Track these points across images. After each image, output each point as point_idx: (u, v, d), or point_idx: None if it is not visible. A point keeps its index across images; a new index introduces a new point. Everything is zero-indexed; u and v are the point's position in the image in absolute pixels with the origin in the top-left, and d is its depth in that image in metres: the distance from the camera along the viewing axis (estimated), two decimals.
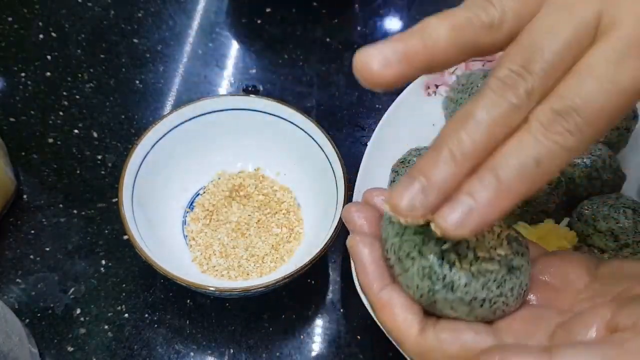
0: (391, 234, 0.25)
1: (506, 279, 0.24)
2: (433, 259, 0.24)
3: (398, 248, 0.25)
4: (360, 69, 0.22)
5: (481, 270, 0.24)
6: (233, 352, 0.41)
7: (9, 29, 0.57)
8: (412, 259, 0.24)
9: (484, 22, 0.22)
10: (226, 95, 0.47)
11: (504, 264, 0.24)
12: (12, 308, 0.41)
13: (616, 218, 0.42)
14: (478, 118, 0.21)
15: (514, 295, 0.25)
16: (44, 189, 0.48)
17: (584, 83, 0.20)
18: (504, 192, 0.20)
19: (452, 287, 0.24)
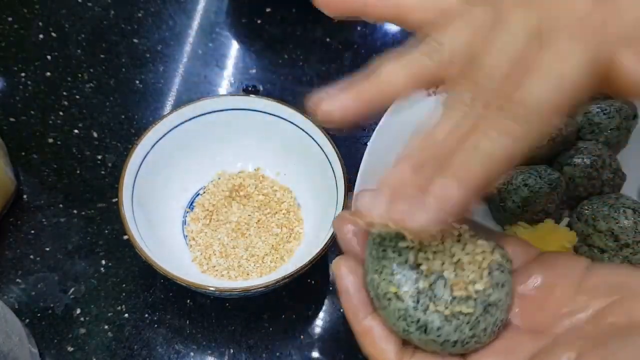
0: (371, 268, 0.26)
1: (480, 320, 0.25)
2: (408, 302, 0.25)
3: (376, 286, 0.26)
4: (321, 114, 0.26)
5: (455, 313, 0.25)
6: (233, 352, 0.41)
7: (9, 29, 0.57)
8: (388, 299, 0.25)
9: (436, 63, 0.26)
10: (226, 95, 0.47)
11: (480, 302, 0.25)
12: (12, 308, 0.41)
13: (616, 218, 0.42)
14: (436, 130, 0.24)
15: (487, 334, 0.25)
16: (44, 189, 0.48)
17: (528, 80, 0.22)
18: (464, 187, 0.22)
19: (425, 329, 0.25)
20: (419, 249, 0.25)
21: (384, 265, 0.25)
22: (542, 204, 0.44)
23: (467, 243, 0.26)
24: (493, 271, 0.26)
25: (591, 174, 0.45)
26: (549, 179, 0.44)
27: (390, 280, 0.25)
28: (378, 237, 0.26)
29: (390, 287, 0.25)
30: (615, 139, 0.47)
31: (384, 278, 0.25)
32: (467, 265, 0.25)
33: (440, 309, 0.25)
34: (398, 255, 0.25)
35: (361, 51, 0.58)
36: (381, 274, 0.25)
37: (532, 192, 0.44)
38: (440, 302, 0.25)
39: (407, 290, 0.25)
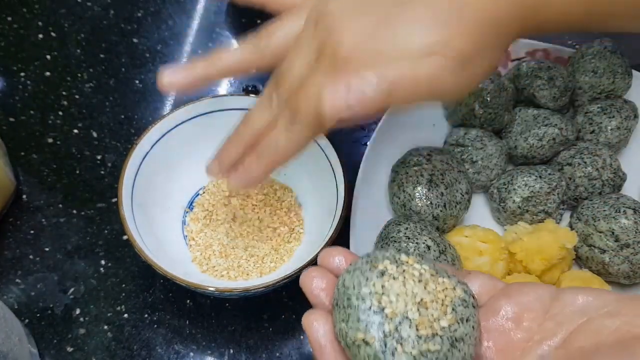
0: (338, 318, 0.27)
1: (448, 356, 0.25)
2: (376, 346, 0.25)
3: (345, 335, 0.26)
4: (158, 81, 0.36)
5: (423, 352, 0.25)
6: (233, 352, 0.41)
7: (9, 29, 0.57)
8: (357, 346, 0.26)
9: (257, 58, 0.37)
10: (226, 95, 0.46)
11: (447, 339, 0.26)
12: (12, 308, 0.41)
13: (616, 218, 0.41)
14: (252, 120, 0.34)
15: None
16: (44, 189, 0.47)
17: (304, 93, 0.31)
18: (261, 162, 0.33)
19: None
20: (382, 294, 0.26)
21: (349, 314, 0.26)
22: (542, 204, 0.44)
23: (429, 282, 0.27)
24: (457, 307, 0.26)
25: (591, 174, 0.45)
26: (549, 179, 0.44)
27: (357, 328, 0.26)
28: (342, 287, 0.27)
29: (357, 334, 0.25)
30: (615, 139, 0.47)
31: (350, 326, 0.26)
32: (430, 304, 0.26)
33: (407, 349, 0.25)
34: (362, 302, 0.26)
35: None
36: (347, 322, 0.26)
37: (532, 192, 0.44)
38: (407, 343, 0.25)
39: (374, 335, 0.25)
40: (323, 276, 0.29)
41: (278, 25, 0.36)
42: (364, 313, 0.26)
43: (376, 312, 0.26)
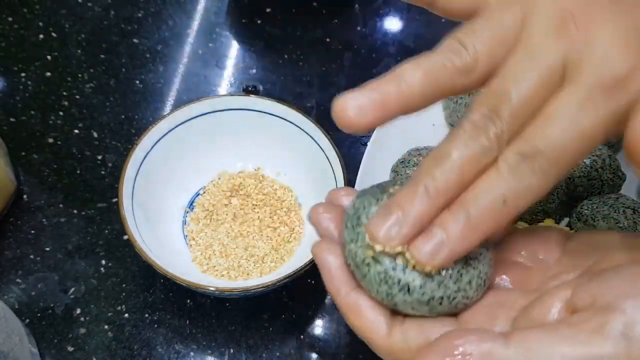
0: (347, 239, 0.26)
1: (462, 272, 0.24)
2: (387, 264, 0.24)
3: (354, 255, 0.25)
4: (337, 115, 0.23)
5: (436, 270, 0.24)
6: (233, 352, 0.41)
7: (9, 29, 0.57)
8: (367, 265, 0.25)
9: (457, 67, 0.23)
10: (226, 95, 0.47)
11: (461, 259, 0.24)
12: (12, 308, 0.41)
13: (616, 218, 0.42)
14: (452, 158, 0.22)
15: (472, 287, 0.25)
16: (44, 189, 0.48)
17: (549, 127, 0.22)
18: (473, 227, 0.22)
19: (408, 289, 0.24)
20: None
21: (358, 232, 0.25)
22: (542, 204, 0.44)
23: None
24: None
25: (591, 174, 0.45)
26: None
27: (367, 245, 0.24)
28: (352, 208, 0.26)
29: (367, 252, 0.24)
30: (615, 139, 0.47)
31: (360, 245, 0.25)
32: None
33: (419, 267, 0.24)
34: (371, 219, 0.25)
35: (361, 51, 0.58)
36: (357, 242, 0.25)
37: None
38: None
39: (382, 250, 0.24)
40: (331, 209, 0.28)
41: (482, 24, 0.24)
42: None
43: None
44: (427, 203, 0.23)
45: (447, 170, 0.22)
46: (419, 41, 0.59)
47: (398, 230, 0.23)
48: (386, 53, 0.58)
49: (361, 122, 0.23)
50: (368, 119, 0.23)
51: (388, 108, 0.23)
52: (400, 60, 0.24)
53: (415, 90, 0.23)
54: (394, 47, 0.58)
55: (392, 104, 0.23)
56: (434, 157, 0.23)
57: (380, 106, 0.23)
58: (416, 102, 0.24)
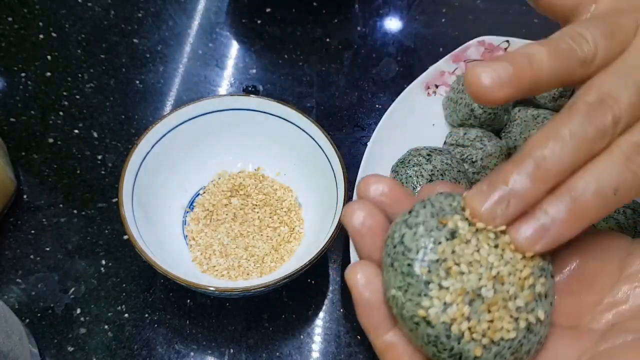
0: (392, 283, 0.22)
1: (523, 343, 0.22)
2: (440, 329, 0.21)
3: (401, 306, 0.22)
4: (472, 84, 0.22)
5: (495, 340, 0.21)
6: (233, 352, 0.41)
7: (9, 29, 0.57)
8: (416, 323, 0.22)
9: (579, 57, 0.23)
10: (226, 95, 0.46)
11: (523, 322, 0.22)
12: (12, 308, 0.41)
13: (616, 218, 0.42)
14: (565, 138, 0.21)
15: (529, 355, 0.22)
16: (44, 189, 0.48)
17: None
18: (579, 214, 0.21)
19: (459, 357, 0.21)
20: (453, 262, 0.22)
21: (409, 283, 0.22)
22: None
23: (506, 248, 0.22)
24: (536, 279, 0.22)
25: None
26: None
27: (419, 303, 0.21)
28: (401, 245, 0.22)
29: (418, 311, 0.21)
30: None
31: (409, 298, 0.21)
32: (507, 278, 0.22)
33: (476, 337, 0.21)
34: (428, 272, 0.21)
35: (361, 51, 0.58)
36: (406, 293, 0.22)
37: None
38: (477, 329, 0.21)
39: (439, 316, 0.21)
40: (370, 212, 0.23)
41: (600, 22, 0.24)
42: (427, 286, 0.21)
43: (443, 287, 0.21)
44: (536, 182, 0.21)
45: (560, 150, 0.21)
46: (419, 41, 0.59)
47: (503, 209, 0.21)
48: (386, 53, 0.58)
49: (495, 95, 0.22)
50: (502, 93, 0.22)
51: (521, 84, 0.22)
52: (400, 61, 0.23)
53: (544, 72, 0.22)
54: (394, 47, 0.58)
55: (525, 81, 0.22)
56: (545, 135, 0.21)
57: (515, 81, 0.22)
58: (543, 83, 0.22)
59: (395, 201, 0.25)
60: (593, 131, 0.21)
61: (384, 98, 0.55)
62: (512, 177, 0.21)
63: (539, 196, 0.21)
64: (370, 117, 0.54)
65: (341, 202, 0.40)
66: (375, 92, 0.55)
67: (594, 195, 0.21)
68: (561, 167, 0.21)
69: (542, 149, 0.21)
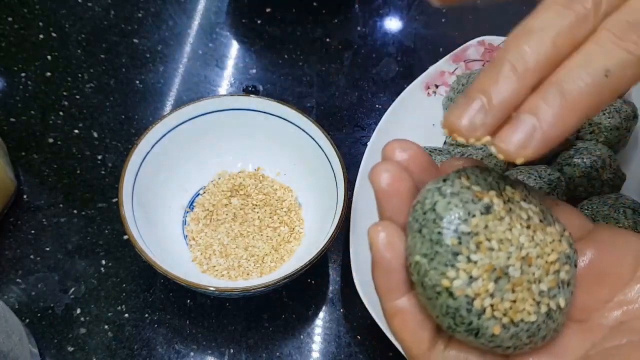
0: (418, 249, 0.21)
1: (541, 327, 0.22)
2: (462, 302, 0.21)
3: (424, 273, 0.21)
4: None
5: (515, 321, 0.21)
6: (233, 352, 0.41)
7: (9, 29, 0.57)
8: (437, 293, 0.21)
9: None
10: (226, 95, 0.46)
11: (544, 307, 0.22)
12: (12, 308, 0.41)
13: (616, 218, 0.42)
14: (541, 29, 0.19)
15: (544, 341, 0.22)
16: (44, 189, 0.48)
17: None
18: (569, 107, 0.19)
19: (476, 333, 0.21)
20: (485, 236, 0.21)
21: (437, 252, 0.21)
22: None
23: (537, 230, 0.22)
24: (561, 266, 0.22)
25: (591, 174, 0.45)
26: (549, 179, 0.44)
27: (443, 272, 0.21)
28: (432, 212, 0.22)
29: (442, 280, 0.21)
30: (615, 139, 0.47)
31: (435, 267, 0.21)
32: (535, 260, 0.22)
33: (498, 314, 0.21)
34: (458, 243, 0.21)
35: (361, 51, 0.58)
36: (432, 261, 0.21)
37: None
38: (499, 307, 0.21)
39: (463, 289, 0.21)
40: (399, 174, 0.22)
41: None
42: (456, 258, 0.21)
43: (471, 261, 0.21)
44: (515, 84, 0.19)
45: (537, 44, 0.19)
46: (419, 41, 0.59)
47: (483, 118, 0.19)
48: (386, 53, 0.58)
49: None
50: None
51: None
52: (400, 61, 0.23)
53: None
54: (394, 47, 0.58)
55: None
56: (520, 32, 0.19)
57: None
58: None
59: (420, 168, 0.23)
60: (572, 17, 0.19)
61: (384, 98, 0.55)
62: (487, 82, 0.19)
63: (521, 97, 0.19)
64: (370, 117, 0.54)
65: (341, 202, 0.40)
66: (375, 92, 0.55)
67: (583, 82, 0.19)
68: (541, 60, 0.19)
69: (518, 45, 0.19)
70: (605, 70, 0.18)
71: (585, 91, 0.19)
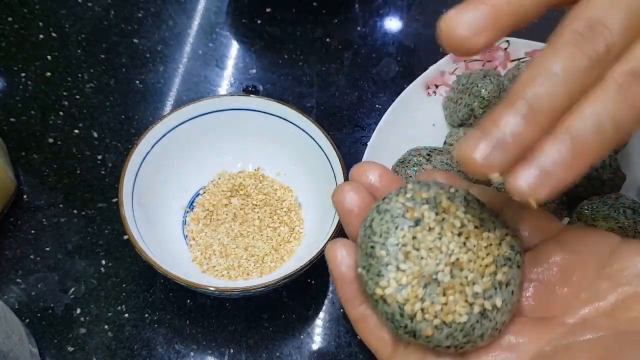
0: (360, 262, 0.24)
1: (475, 327, 0.23)
2: (395, 308, 0.23)
3: (365, 283, 0.24)
4: (446, 35, 0.20)
5: (447, 322, 0.22)
6: (233, 352, 0.41)
7: (9, 29, 0.57)
8: (375, 301, 0.23)
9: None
10: (226, 95, 0.47)
11: (477, 307, 0.23)
12: (12, 308, 0.41)
13: (616, 218, 0.42)
14: (555, 71, 0.19)
15: (484, 339, 0.23)
16: (44, 189, 0.48)
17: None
18: (580, 154, 0.19)
19: (414, 335, 0.23)
20: (412, 247, 0.23)
21: (370, 264, 0.23)
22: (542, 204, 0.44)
23: (470, 237, 0.23)
24: (498, 268, 0.23)
25: (591, 174, 0.45)
26: None
27: (377, 282, 0.23)
28: (369, 229, 0.24)
29: (376, 289, 0.23)
30: None
31: (370, 277, 0.23)
32: (467, 264, 0.23)
33: (428, 317, 0.22)
34: (386, 254, 0.23)
35: (361, 51, 0.58)
36: (368, 272, 0.23)
37: None
38: (430, 310, 0.22)
39: (394, 296, 0.23)
40: (360, 195, 0.25)
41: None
42: (386, 268, 0.23)
43: (400, 269, 0.23)
44: (532, 123, 0.19)
45: (551, 86, 0.19)
46: (419, 41, 0.59)
47: (500, 155, 0.19)
48: (386, 53, 0.58)
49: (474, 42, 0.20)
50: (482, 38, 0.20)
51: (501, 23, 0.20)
52: (400, 61, 0.23)
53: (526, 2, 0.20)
54: (394, 47, 0.58)
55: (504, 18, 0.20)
56: (534, 71, 0.19)
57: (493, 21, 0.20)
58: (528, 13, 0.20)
59: (385, 186, 0.26)
60: (585, 62, 0.19)
61: (384, 98, 0.55)
62: (505, 120, 0.19)
63: (536, 138, 0.19)
64: (370, 117, 0.54)
65: None
66: (375, 92, 0.55)
67: (593, 132, 0.19)
68: (556, 104, 0.19)
69: (534, 87, 0.19)
70: (613, 123, 0.19)
71: (595, 140, 0.19)
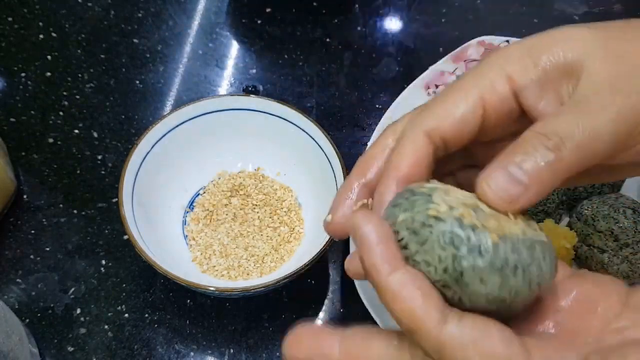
0: (399, 211, 0.22)
1: (535, 245, 0.22)
2: (453, 223, 0.21)
3: (411, 221, 0.22)
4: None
5: (507, 234, 0.22)
6: (233, 352, 0.41)
7: (9, 29, 0.57)
8: (429, 226, 0.21)
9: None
10: (226, 95, 0.47)
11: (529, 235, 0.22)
12: (12, 308, 0.41)
13: (616, 218, 0.42)
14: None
15: (547, 263, 0.22)
16: (44, 189, 0.48)
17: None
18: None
19: (479, 250, 0.21)
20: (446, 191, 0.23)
21: (414, 201, 0.22)
22: (542, 204, 0.44)
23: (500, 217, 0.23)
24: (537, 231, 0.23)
25: None
26: None
27: (427, 208, 0.22)
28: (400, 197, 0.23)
29: (429, 212, 0.22)
30: None
31: (418, 210, 0.22)
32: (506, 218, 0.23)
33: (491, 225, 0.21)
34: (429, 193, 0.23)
35: (361, 51, 0.58)
36: (414, 209, 0.22)
37: None
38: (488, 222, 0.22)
39: (448, 212, 0.21)
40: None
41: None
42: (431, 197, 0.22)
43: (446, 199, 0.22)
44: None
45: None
46: (419, 41, 0.59)
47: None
48: (386, 53, 0.58)
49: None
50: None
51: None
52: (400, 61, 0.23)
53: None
54: (394, 47, 0.58)
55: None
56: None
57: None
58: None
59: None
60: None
61: (384, 98, 0.55)
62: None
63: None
64: (370, 117, 0.54)
65: None
66: (375, 92, 0.55)
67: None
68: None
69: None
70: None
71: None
